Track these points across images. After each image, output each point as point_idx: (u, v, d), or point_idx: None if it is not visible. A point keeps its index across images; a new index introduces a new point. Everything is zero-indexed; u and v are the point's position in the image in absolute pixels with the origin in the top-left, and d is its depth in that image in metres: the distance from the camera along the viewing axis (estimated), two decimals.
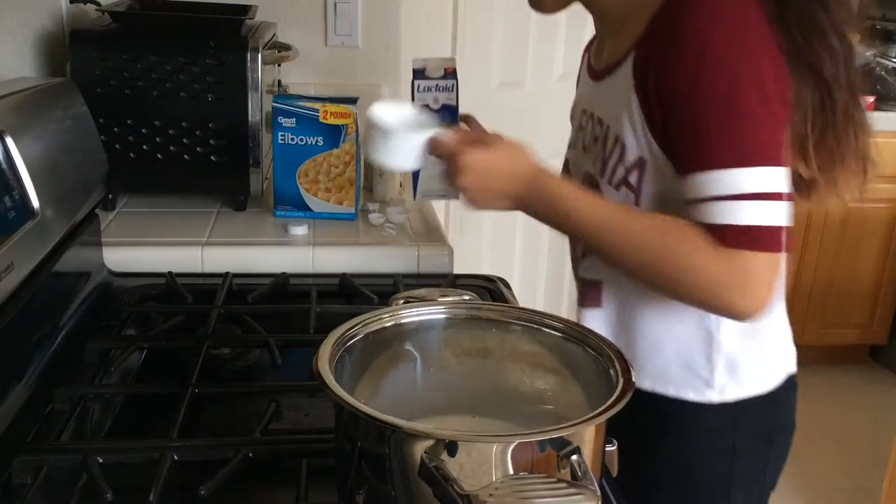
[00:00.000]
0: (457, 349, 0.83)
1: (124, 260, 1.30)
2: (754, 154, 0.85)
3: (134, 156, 1.43)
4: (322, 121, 1.41)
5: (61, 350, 1.02)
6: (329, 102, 1.42)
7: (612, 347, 0.74)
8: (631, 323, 1.01)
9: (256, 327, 1.11)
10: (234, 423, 0.93)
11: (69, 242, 1.08)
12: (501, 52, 2.28)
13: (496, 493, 0.56)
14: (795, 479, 2.66)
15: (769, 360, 1.03)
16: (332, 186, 1.45)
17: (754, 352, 1.00)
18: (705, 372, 0.99)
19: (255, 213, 1.51)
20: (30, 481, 0.79)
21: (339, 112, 1.41)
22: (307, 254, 1.35)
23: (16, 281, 0.89)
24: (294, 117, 1.41)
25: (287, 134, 1.41)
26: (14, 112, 0.96)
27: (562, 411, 0.78)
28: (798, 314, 3.23)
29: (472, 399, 0.82)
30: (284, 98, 1.40)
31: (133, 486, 0.78)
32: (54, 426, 0.87)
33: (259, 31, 1.48)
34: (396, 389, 0.81)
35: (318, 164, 1.43)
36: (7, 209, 0.88)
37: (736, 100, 0.85)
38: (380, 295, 1.21)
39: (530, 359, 0.81)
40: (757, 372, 1.01)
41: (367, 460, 0.66)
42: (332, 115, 1.41)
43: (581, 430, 0.63)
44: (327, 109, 1.41)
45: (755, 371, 1.01)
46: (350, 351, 0.75)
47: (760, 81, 0.86)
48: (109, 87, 1.39)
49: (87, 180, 1.15)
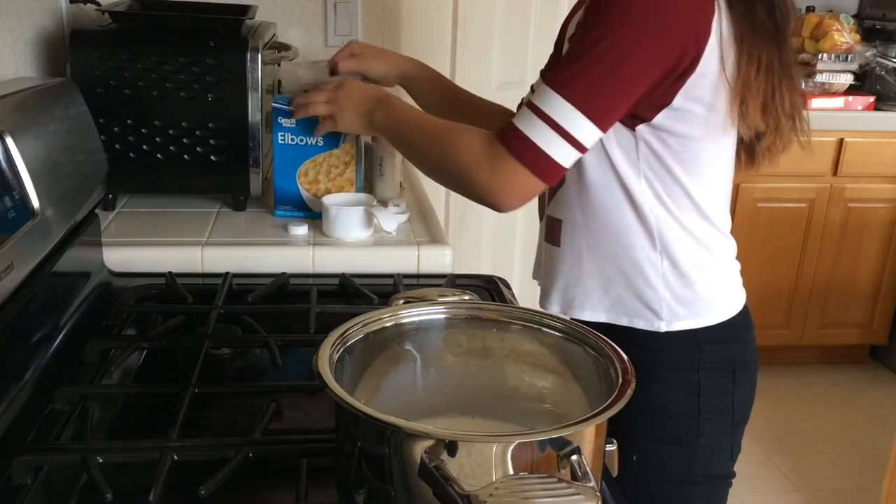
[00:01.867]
0: (457, 349, 0.83)
1: (124, 260, 1.30)
2: (586, 103, 0.97)
3: (134, 156, 1.43)
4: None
5: (61, 350, 1.02)
6: None
7: (611, 347, 0.74)
8: (585, 258, 1.11)
9: (256, 327, 1.11)
10: (234, 423, 0.93)
11: (69, 242, 1.08)
12: (501, 52, 2.28)
13: (496, 493, 0.56)
14: (795, 479, 2.66)
15: (716, 295, 1.11)
16: (332, 187, 1.44)
17: (700, 286, 1.09)
18: (654, 303, 1.08)
19: (255, 213, 1.51)
20: (30, 481, 0.79)
21: None
22: (307, 254, 1.35)
23: (16, 281, 0.89)
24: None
25: (287, 134, 1.41)
26: (14, 112, 0.96)
27: (562, 411, 0.78)
28: (798, 314, 3.23)
29: (472, 399, 0.82)
30: (284, 98, 1.40)
31: (133, 486, 0.78)
32: (54, 426, 0.87)
33: (259, 31, 1.48)
34: (396, 389, 0.81)
35: (317, 164, 1.43)
36: (7, 209, 0.88)
37: (613, 57, 0.96)
38: (380, 295, 1.21)
39: (530, 359, 0.81)
40: (703, 306, 1.09)
41: (367, 460, 0.66)
42: None
43: (581, 430, 0.63)
44: None
45: (701, 305, 1.09)
46: (350, 351, 0.75)
47: (643, 56, 0.96)
48: (109, 87, 1.39)
49: (87, 180, 1.15)
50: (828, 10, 3.27)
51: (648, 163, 1.04)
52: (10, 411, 0.87)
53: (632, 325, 1.10)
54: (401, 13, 2.00)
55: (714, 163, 1.07)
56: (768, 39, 1.00)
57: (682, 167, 1.04)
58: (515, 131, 1.00)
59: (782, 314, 3.22)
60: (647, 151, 1.04)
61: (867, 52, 3.10)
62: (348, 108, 1.24)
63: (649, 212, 1.06)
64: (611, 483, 0.82)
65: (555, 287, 1.14)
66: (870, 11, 3.40)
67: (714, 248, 1.10)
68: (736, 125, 1.05)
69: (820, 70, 3.06)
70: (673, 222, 1.06)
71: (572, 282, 1.12)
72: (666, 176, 1.05)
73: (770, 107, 1.02)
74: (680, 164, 1.04)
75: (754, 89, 1.00)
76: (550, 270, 1.16)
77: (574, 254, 1.12)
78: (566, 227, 1.12)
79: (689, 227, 1.07)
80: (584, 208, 1.09)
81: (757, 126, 1.04)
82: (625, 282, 1.09)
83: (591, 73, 0.97)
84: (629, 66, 0.96)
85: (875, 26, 3.33)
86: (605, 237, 1.08)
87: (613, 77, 0.97)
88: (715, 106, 1.01)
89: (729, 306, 1.12)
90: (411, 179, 1.70)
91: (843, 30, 3.07)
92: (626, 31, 0.96)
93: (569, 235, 1.12)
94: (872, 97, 3.12)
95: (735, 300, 1.14)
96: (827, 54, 3.06)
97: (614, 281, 1.09)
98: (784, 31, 1.02)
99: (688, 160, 1.04)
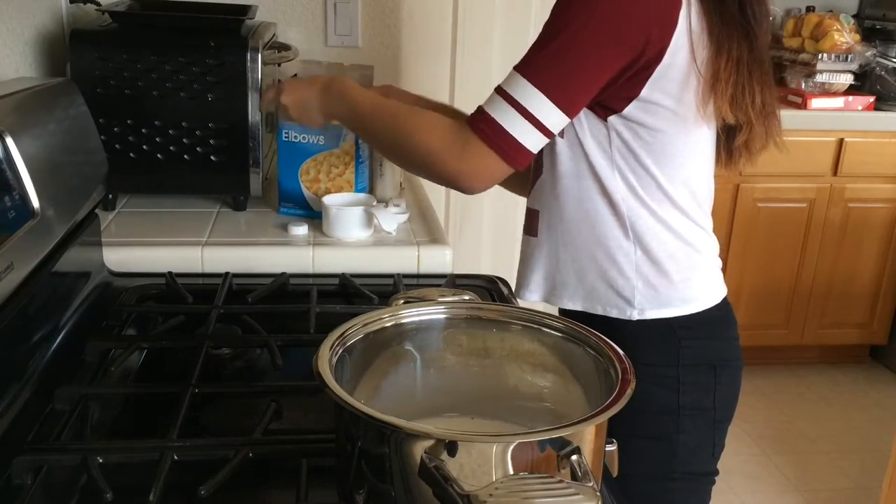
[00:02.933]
0: (457, 349, 0.83)
1: (124, 260, 1.30)
2: (554, 88, 0.99)
3: (134, 156, 1.43)
4: None
5: (61, 350, 1.02)
6: None
7: (611, 347, 0.74)
8: (560, 248, 1.13)
9: (256, 327, 1.11)
10: (234, 423, 0.93)
11: (69, 242, 1.08)
12: (501, 52, 2.28)
13: (496, 493, 0.56)
14: (795, 479, 2.66)
15: (692, 286, 1.11)
16: (332, 187, 1.45)
17: (676, 276, 1.09)
18: (626, 291, 1.09)
19: (255, 213, 1.51)
20: (30, 481, 0.79)
21: None
22: (307, 254, 1.35)
23: (16, 281, 0.89)
24: None
25: (291, 132, 1.42)
26: (14, 112, 0.96)
27: (562, 411, 0.78)
28: (798, 314, 3.23)
29: (472, 399, 0.82)
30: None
31: (133, 486, 0.78)
32: (54, 426, 0.87)
33: (259, 31, 1.48)
34: (396, 389, 0.81)
35: (318, 163, 1.43)
36: (7, 209, 0.88)
37: (578, 44, 0.98)
38: (380, 295, 1.21)
39: (530, 359, 0.81)
40: (677, 295, 1.10)
41: (367, 460, 0.66)
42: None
43: (581, 430, 0.63)
44: None
45: (675, 294, 1.10)
46: (350, 351, 0.75)
47: (605, 44, 0.98)
48: (109, 87, 1.39)
49: (87, 180, 1.15)
50: (828, 10, 3.27)
51: (621, 153, 1.06)
52: (10, 411, 0.87)
53: (606, 314, 1.11)
54: (401, 13, 2.00)
55: (686, 156, 1.08)
56: (738, 33, 1.02)
57: (653, 159, 1.06)
58: (485, 116, 1.02)
59: (782, 314, 3.21)
60: (620, 142, 1.05)
61: (867, 52, 3.10)
62: (295, 93, 1.25)
63: (621, 201, 1.07)
64: (611, 483, 0.82)
65: (534, 276, 1.17)
66: (870, 11, 3.40)
67: (691, 241, 1.11)
68: (708, 119, 1.06)
69: (820, 70, 3.06)
70: (645, 212, 1.08)
71: (550, 271, 1.15)
72: (638, 167, 1.06)
73: (740, 101, 1.03)
74: (651, 156, 1.06)
75: (723, 80, 1.01)
76: (529, 260, 1.18)
77: (551, 243, 1.14)
78: (542, 217, 1.14)
79: (664, 218, 1.08)
80: (559, 198, 1.11)
81: (727, 118, 1.05)
82: (598, 270, 1.11)
83: (558, 60, 0.99)
84: (592, 53, 0.98)
85: (875, 26, 3.33)
86: (580, 226, 1.10)
87: (577, 64, 0.99)
88: (683, 99, 1.02)
89: (705, 298, 1.13)
90: (411, 179, 1.70)
91: (843, 30, 3.07)
92: (587, 18, 0.98)
93: (545, 225, 1.14)
94: (872, 97, 3.12)
95: (713, 293, 1.14)
96: (827, 54, 3.06)
97: (589, 270, 1.11)
98: (756, 28, 1.03)
99: (658, 152, 1.06)
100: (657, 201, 1.07)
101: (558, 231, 1.13)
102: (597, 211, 1.09)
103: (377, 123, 1.16)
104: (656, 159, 1.06)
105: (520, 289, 1.20)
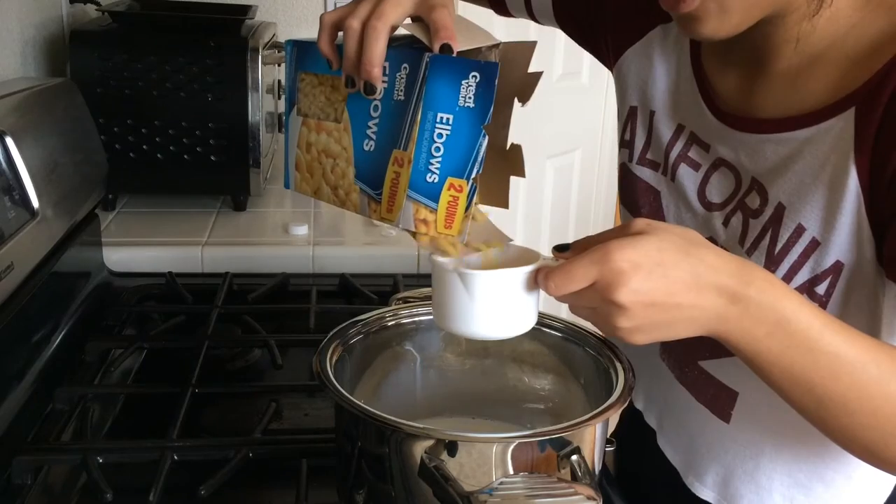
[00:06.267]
0: (457, 349, 0.83)
1: (124, 260, 1.30)
2: None
3: (134, 156, 1.43)
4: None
5: (61, 350, 1.02)
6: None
7: (611, 347, 0.74)
8: (767, 450, 0.79)
9: (256, 327, 1.11)
10: (234, 423, 0.93)
11: (69, 242, 1.08)
12: None
13: (496, 494, 0.56)
14: None
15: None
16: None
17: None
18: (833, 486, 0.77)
19: (255, 213, 1.51)
20: (30, 481, 0.79)
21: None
22: (307, 254, 1.35)
23: (16, 281, 0.89)
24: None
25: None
26: (14, 112, 0.96)
27: (562, 411, 0.78)
28: None
29: (472, 399, 0.82)
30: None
31: (133, 486, 0.78)
32: (54, 426, 0.88)
33: (259, 31, 1.48)
34: (396, 389, 0.81)
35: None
36: (7, 209, 0.88)
37: None
38: (380, 295, 1.21)
39: (530, 359, 0.81)
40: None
41: (367, 460, 0.66)
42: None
43: (581, 430, 0.63)
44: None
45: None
46: (350, 351, 0.75)
47: None
48: (109, 87, 1.39)
49: (87, 180, 1.15)
50: None
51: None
52: (10, 411, 0.87)
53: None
54: None
55: None
56: None
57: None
58: None
59: None
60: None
61: None
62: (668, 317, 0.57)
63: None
64: (611, 483, 0.82)
65: (713, 468, 0.83)
66: None
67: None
68: None
69: None
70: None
71: (741, 473, 0.81)
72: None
73: None
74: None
75: None
76: (709, 445, 0.83)
77: (753, 440, 0.79)
78: (743, 401, 0.78)
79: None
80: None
81: None
82: (820, 482, 0.78)
83: None
84: None
85: None
86: (807, 433, 0.68)
87: None
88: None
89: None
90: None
91: None
92: None
93: (747, 414, 0.78)
94: None
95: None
96: None
97: (805, 487, 0.78)
98: None
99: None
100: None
101: (767, 427, 0.79)
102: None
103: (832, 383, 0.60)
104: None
105: (687, 473, 0.86)
